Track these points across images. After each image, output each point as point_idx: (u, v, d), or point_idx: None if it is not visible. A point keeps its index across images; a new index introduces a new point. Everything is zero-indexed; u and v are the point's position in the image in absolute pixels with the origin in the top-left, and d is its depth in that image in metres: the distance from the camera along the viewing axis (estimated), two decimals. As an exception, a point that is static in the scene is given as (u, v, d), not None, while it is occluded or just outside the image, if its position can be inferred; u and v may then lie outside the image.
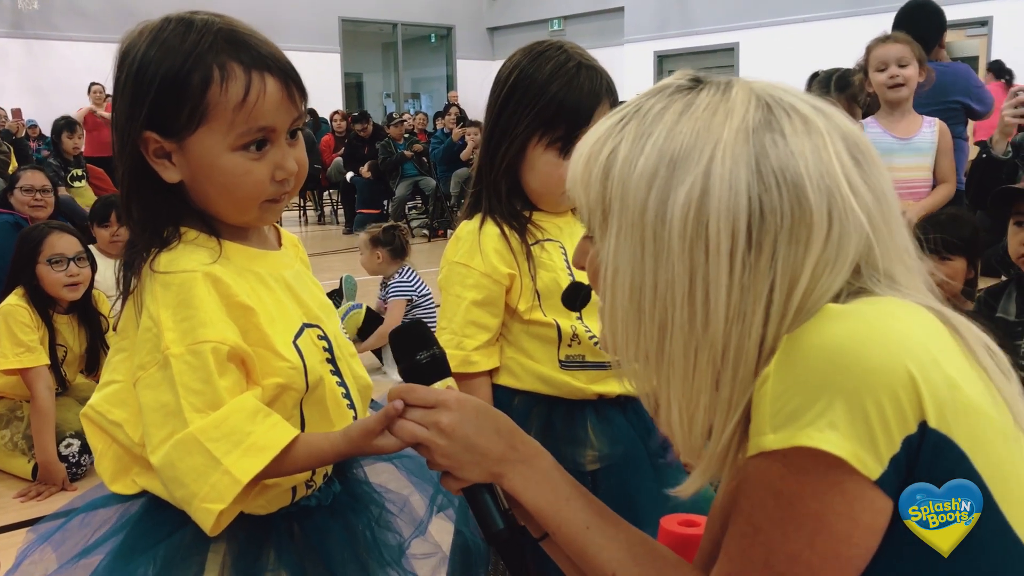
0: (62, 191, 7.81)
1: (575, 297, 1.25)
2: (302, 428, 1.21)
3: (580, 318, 1.61)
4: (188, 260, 1.14)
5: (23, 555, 1.24)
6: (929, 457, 0.78)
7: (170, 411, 1.09)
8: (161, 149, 1.14)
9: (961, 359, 0.82)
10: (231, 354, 1.11)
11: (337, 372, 1.27)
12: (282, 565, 1.21)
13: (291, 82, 1.16)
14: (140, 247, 1.16)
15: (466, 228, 1.64)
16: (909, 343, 0.79)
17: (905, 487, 0.79)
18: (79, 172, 8.40)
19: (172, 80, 1.11)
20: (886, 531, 0.80)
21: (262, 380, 1.15)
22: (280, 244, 1.32)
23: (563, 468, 1.08)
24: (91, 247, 3.87)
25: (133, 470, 1.21)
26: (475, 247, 1.60)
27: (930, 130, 3.59)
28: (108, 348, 3.67)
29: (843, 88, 4.32)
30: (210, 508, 1.07)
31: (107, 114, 11.41)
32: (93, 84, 11.57)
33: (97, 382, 3.84)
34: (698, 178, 0.83)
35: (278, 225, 1.35)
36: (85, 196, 7.99)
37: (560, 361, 1.60)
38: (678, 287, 0.84)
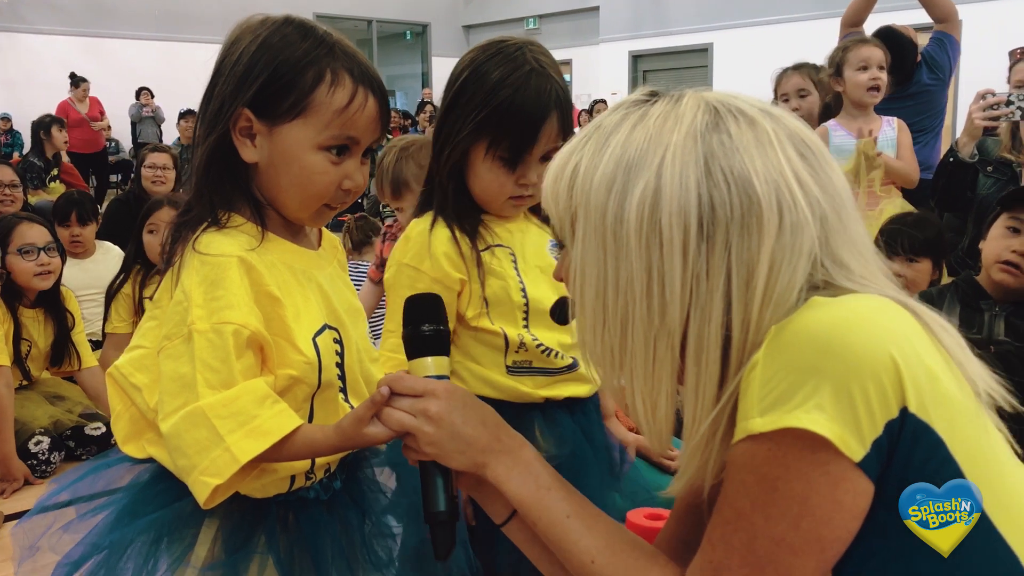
0: (41, 194, 7.76)
1: (560, 311, 1.28)
2: (310, 421, 1.25)
3: (527, 327, 1.60)
4: (228, 244, 1.19)
5: (40, 505, 1.30)
6: (909, 442, 0.80)
7: (186, 383, 1.13)
8: (248, 128, 1.20)
9: (932, 349, 0.85)
10: (251, 339, 1.15)
11: (342, 377, 1.30)
12: (270, 550, 1.24)
13: (385, 107, 1.25)
14: (191, 218, 1.22)
15: (416, 228, 1.60)
16: (893, 332, 0.82)
17: (886, 471, 0.81)
18: (55, 172, 8.34)
19: (288, 69, 1.18)
20: (887, 531, 0.82)
21: (276, 369, 1.20)
22: (320, 244, 1.36)
23: (545, 460, 1.10)
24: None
25: (146, 435, 1.27)
26: (424, 249, 1.56)
27: (891, 128, 3.64)
28: (74, 344, 3.68)
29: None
30: (207, 481, 1.11)
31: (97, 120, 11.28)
32: (82, 81, 11.38)
33: (63, 377, 3.81)
34: (651, 179, 0.89)
35: (322, 227, 1.39)
36: (56, 193, 7.94)
37: (507, 366, 1.59)
38: (637, 282, 0.89)
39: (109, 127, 12.35)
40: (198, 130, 1.25)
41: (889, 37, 4.14)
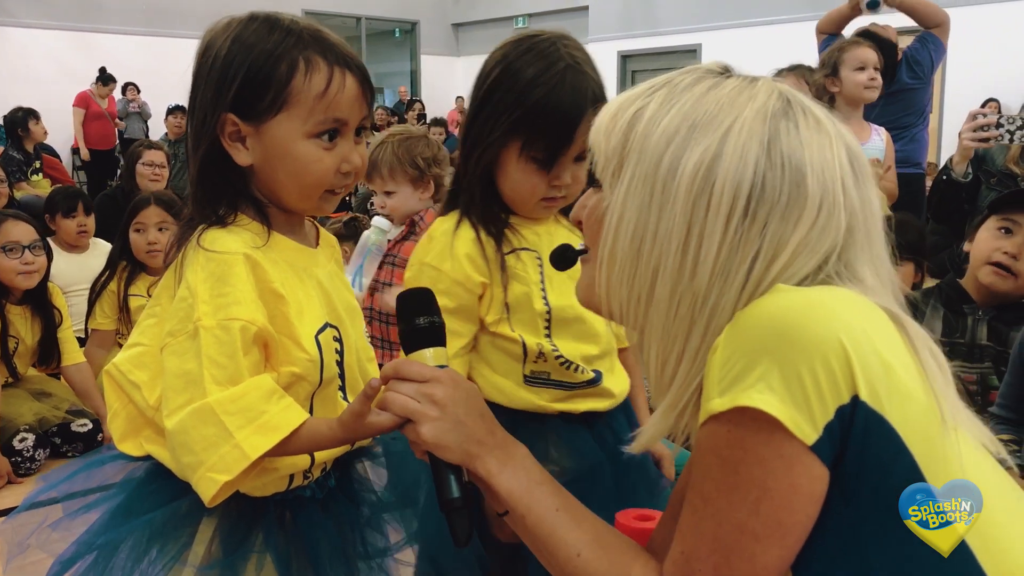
0: (25, 187, 7.70)
1: (563, 257, 1.27)
2: None
3: (549, 336, 1.54)
4: (234, 241, 1.19)
5: (28, 501, 1.29)
6: (861, 431, 0.81)
7: (191, 379, 1.13)
8: (237, 132, 1.20)
9: (902, 351, 0.86)
10: (257, 335, 1.16)
11: (342, 375, 1.30)
12: (268, 548, 1.25)
13: (366, 83, 1.24)
14: (195, 223, 1.22)
15: (440, 228, 1.55)
16: (846, 321, 0.83)
17: (840, 459, 0.82)
18: (38, 165, 8.28)
19: (260, 66, 1.18)
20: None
21: (279, 367, 1.20)
22: (318, 243, 1.36)
23: (535, 459, 1.10)
24: (48, 240, 3.82)
25: (144, 433, 1.26)
26: (447, 250, 1.51)
27: (879, 138, 3.72)
28: (61, 341, 3.66)
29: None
30: (215, 478, 1.10)
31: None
32: (111, 80, 11.14)
33: (50, 375, 3.82)
34: (714, 143, 0.91)
35: (319, 225, 1.40)
36: (41, 187, 7.89)
37: (524, 376, 1.55)
38: (675, 235, 0.91)
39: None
40: (188, 144, 1.25)
41: (870, 40, 4.19)
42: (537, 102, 1.44)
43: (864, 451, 0.82)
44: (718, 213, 0.89)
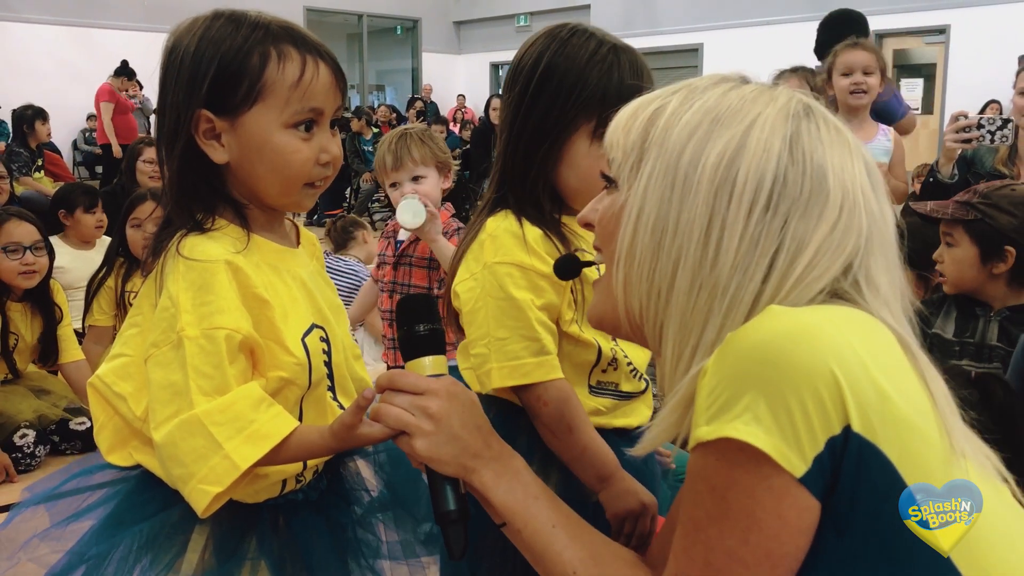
0: (28, 182, 7.70)
1: (568, 267, 1.24)
2: (300, 422, 1.22)
3: (616, 341, 1.50)
4: (214, 248, 1.16)
5: (15, 512, 1.26)
6: (854, 461, 0.79)
7: (178, 391, 1.11)
8: (212, 130, 1.18)
9: (908, 378, 0.84)
10: (243, 343, 1.14)
11: (331, 376, 1.28)
12: (262, 554, 1.23)
13: (339, 72, 1.23)
14: (174, 228, 1.19)
15: (501, 225, 1.45)
16: (839, 347, 0.80)
17: (832, 490, 0.80)
18: (40, 162, 8.30)
19: (232, 59, 1.16)
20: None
21: (267, 372, 1.18)
22: (298, 242, 1.35)
23: (533, 472, 1.09)
24: (56, 237, 3.83)
25: (131, 443, 1.24)
26: (520, 245, 1.43)
27: (885, 138, 3.69)
28: (60, 338, 3.65)
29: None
30: (207, 490, 1.09)
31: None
32: (133, 75, 10.99)
33: (50, 372, 3.81)
34: (737, 134, 0.91)
35: (299, 224, 1.38)
36: (42, 183, 7.90)
37: (590, 387, 1.50)
38: (697, 226, 0.90)
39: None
40: (162, 148, 1.22)
41: (835, 22, 4.22)
42: (603, 75, 1.39)
43: (857, 482, 0.79)
44: (740, 204, 0.89)
